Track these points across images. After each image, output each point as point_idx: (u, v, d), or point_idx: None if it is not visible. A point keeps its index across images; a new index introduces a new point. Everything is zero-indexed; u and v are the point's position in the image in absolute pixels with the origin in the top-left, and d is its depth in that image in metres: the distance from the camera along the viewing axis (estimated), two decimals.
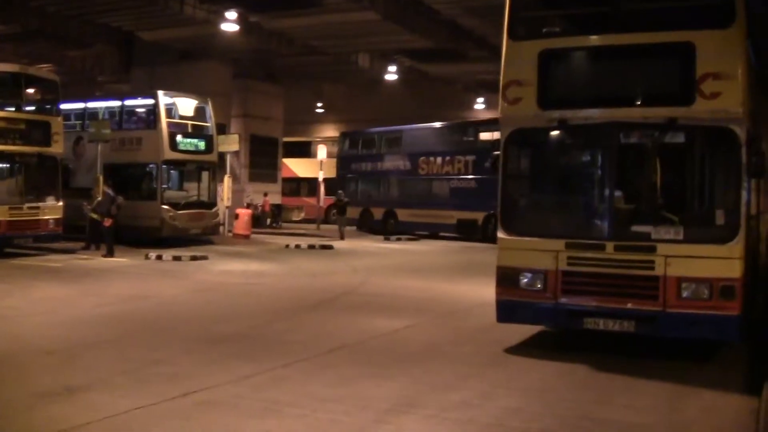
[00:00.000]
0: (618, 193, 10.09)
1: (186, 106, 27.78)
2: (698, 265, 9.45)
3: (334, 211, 35.09)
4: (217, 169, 28.38)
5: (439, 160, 33.50)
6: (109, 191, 22.31)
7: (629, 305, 9.75)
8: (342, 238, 31.30)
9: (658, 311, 9.58)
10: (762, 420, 7.33)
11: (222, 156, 29.29)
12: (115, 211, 22.24)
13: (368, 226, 35.88)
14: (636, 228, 9.97)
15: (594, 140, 10.47)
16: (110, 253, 21.86)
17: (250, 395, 8.16)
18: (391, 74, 38.02)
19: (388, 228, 34.56)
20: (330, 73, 40.63)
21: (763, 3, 11.68)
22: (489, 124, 29.95)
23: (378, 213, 35.64)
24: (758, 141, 9.83)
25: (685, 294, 9.46)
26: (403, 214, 34.50)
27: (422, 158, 34.04)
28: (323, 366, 9.62)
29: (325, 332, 11.80)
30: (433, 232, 34.05)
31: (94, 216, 22.41)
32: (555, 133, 10.67)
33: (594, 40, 10.55)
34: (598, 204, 10.30)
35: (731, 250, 9.43)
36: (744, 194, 9.60)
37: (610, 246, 9.82)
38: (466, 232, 31.72)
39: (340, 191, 34.18)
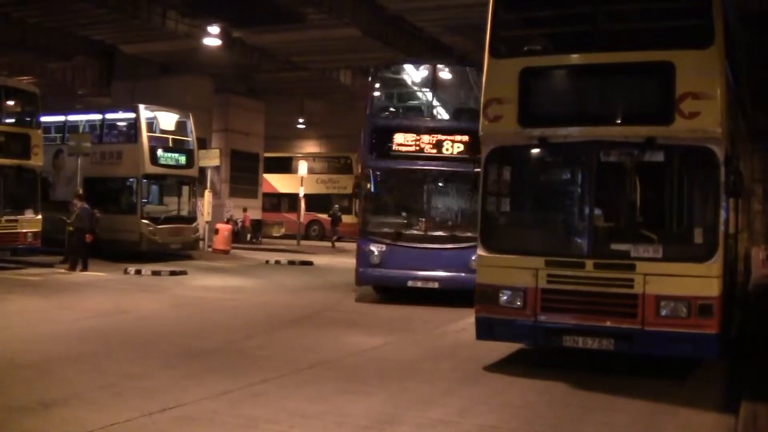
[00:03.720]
0: (598, 211, 10.14)
1: (167, 120, 27.69)
2: (677, 283, 9.50)
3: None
4: (197, 183, 28.29)
5: None
6: (86, 205, 22.09)
7: (608, 323, 9.77)
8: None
9: (637, 329, 9.61)
10: None
11: (202, 171, 29.20)
12: (94, 225, 22.05)
13: None
14: (615, 246, 10.01)
15: (574, 158, 10.53)
16: (85, 267, 21.62)
17: (227, 411, 8.10)
18: None
19: None
20: (311, 88, 40.60)
21: (742, 24, 11.80)
22: None
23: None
24: (736, 160, 9.91)
25: (663, 312, 9.50)
26: None
27: None
28: (301, 382, 9.57)
29: (304, 348, 11.75)
30: None
31: (71, 229, 22.14)
32: (535, 150, 10.71)
33: (575, 58, 10.60)
34: (577, 222, 10.34)
35: (709, 269, 9.48)
36: (722, 213, 9.67)
37: (589, 264, 9.85)
38: None
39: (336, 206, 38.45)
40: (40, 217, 22.61)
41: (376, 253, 16.97)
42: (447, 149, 17.06)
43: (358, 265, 17.30)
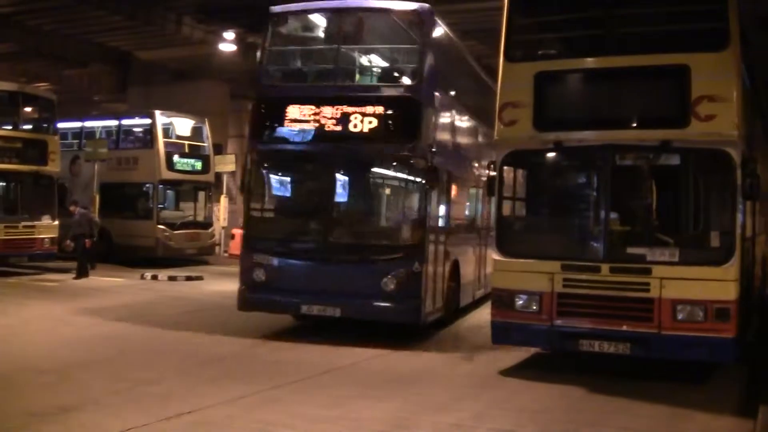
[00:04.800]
0: (613, 215, 10.12)
1: (183, 126, 27.77)
2: (693, 287, 9.46)
3: None
4: (213, 189, 28.36)
5: None
6: (83, 210, 22.08)
7: (624, 327, 9.74)
8: None
9: (653, 333, 9.57)
10: None
11: (218, 176, 29.27)
12: (94, 230, 21.94)
13: None
14: (631, 250, 9.98)
15: (589, 162, 10.50)
16: (81, 274, 21.36)
17: (243, 416, 8.11)
18: None
19: None
20: None
21: (757, 26, 11.75)
22: None
23: None
24: (753, 163, 9.85)
25: (680, 316, 9.47)
26: None
27: None
28: (316, 387, 9.57)
29: (319, 353, 11.74)
30: None
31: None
32: (550, 155, 10.71)
33: (590, 62, 10.59)
34: (593, 226, 10.32)
35: (726, 273, 9.44)
36: (739, 216, 9.63)
37: (605, 268, 9.82)
38: None
39: None
40: (57, 223, 22.70)
41: (262, 268, 12.90)
42: (359, 125, 12.53)
43: (241, 283, 13.31)
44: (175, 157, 26.57)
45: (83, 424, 7.65)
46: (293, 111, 12.91)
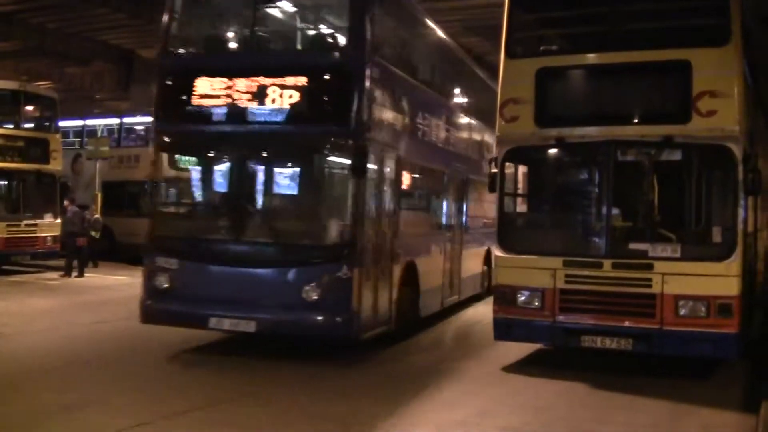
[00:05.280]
0: (615, 211, 10.13)
1: None
2: (695, 282, 9.47)
3: None
4: None
5: None
6: (75, 208, 22.06)
7: (626, 323, 9.75)
8: None
9: (656, 329, 9.58)
10: None
11: None
12: (88, 229, 21.93)
13: None
14: (633, 246, 9.98)
15: (591, 158, 10.51)
16: (68, 272, 21.25)
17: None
18: None
19: None
20: None
21: (758, 21, 11.75)
22: None
23: None
24: (754, 158, 9.86)
25: (682, 312, 9.48)
26: None
27: None
28: (323, 383, 9.58)
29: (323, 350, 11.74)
30: None
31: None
32: (552, 151, 10.71)
33: (591, 58, 10.59)
34: (595, 222, 10.33)
35: (728, 268, 9.44)
36: (741, 212, 9.64)
37: (607, 264, 9.83)
38: None
39: None
40: (59, 221, 22.72)
41: (165, 274, 10.83)
42: (278, 101, 10.44)
43: (142, 291, 11.22)
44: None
45: (88, 423, 7.66)
46: (202, 85, 10.80)
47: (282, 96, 10.40)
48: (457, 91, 16.38)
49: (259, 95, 10.51)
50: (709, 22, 10.11)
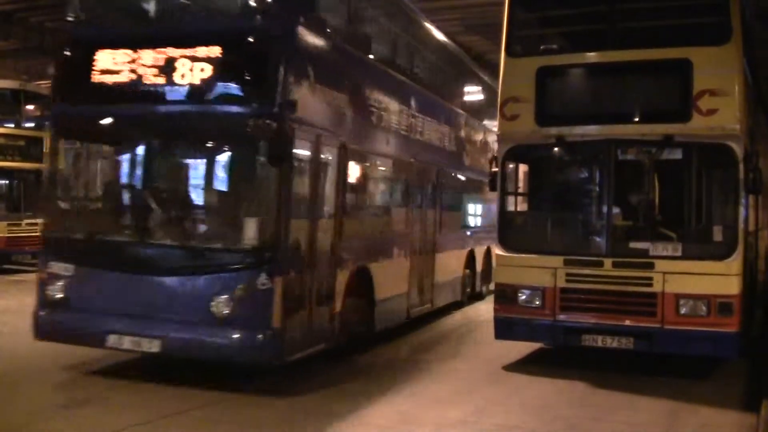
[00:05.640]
0: (616, 210, 10.13)
1: None
2: (696, 281, 9.47)
3: None
4: None
5: None
6: None
7: (627, 322, 9.75)
8: None
9: (656, 328, 9.58)
10: None
11: None
12: None
13: None
14: (634, 244, 9.97)
15: (591, 157, 10.51)
16: None
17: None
18: None
19: None
20: None
21: (759, 19, 11.74)
22: None
23: None
24: (755, 157, 9.86)
25: (683, 310, 9.48)
26: None
27: None
28: (321, 381, 9.58)
29: None
30: None
31: None
32: (553, 149, 10.69)
33: (591, 57, 10.59)
34: (596, 220, 10.32)
35: (729, 267, 9.45)
36: (741, 210, 9.64)
37: (608, 262, 9.83)
38: None
39: None
40: None
41: (60, 282, 9.15)
42: (188, 76, 8.73)
43: (37, 301, 9.49)
44: None
45: (89, 421, 7.65)
46: (103, 59, 9.10)
47: (192, 70, 8.72)
48: (426, 71, 14.55)
49: (167, 70, 8.81)
50: (709, 21, 10.11)
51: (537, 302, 10.19)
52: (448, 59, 16.30)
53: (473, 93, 17.83)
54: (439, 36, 15.56)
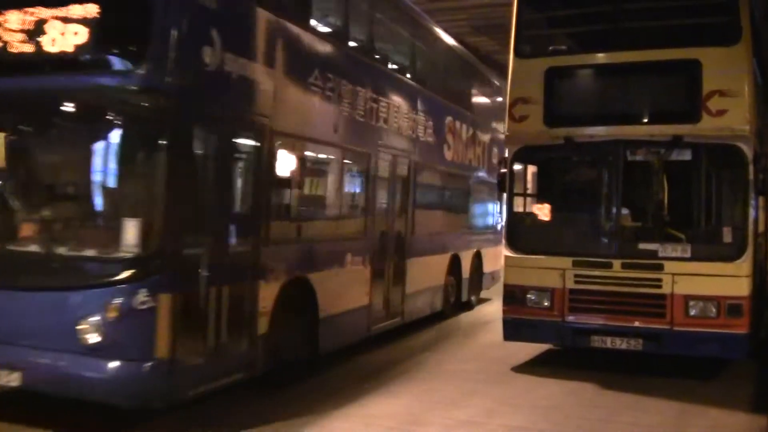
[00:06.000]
0: (625, 211, 10.11)
1: None
2: (705, 283, 9.44)
3: None
4: None
5: None
6: None
7: (636, 323, 9.72)
8: None
9: (665, 329, 9.56)
10: None
11: None
12: None
13: None
14: (643, 246, 9.94)
15: (600, 158, 10.47)
16: None
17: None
18: None
19: None
20: None
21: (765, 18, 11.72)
22: None
23: None
24: (765, 158, 9.84)
25: (692, 312, 9.46)
26: None
27: None
28: (325, 383, 9.57)
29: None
30: None
31: None
32: (561, 150, 10.66)
33: (600, 57, 10.58)
34: (604, 222, 10.28)
35: (739, 268, 9.42)
36: (751, 212, 9.62)
37: (617, 264, 9.81)
38: None
39: None
40: None
41: None
42: (59, 41, 6.91)
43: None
44: None
45: (85, 419, 7.64)
46: None
47: (65, 34, 6.88)
48: (394, 51, 12.78)
49: (36, 34, 6.98)
50: (719, 21, 10.08)
51: (546, 303, 10.17)
52: (420, 35, 13.77)
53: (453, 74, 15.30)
54: (411, 9, 13.44)
